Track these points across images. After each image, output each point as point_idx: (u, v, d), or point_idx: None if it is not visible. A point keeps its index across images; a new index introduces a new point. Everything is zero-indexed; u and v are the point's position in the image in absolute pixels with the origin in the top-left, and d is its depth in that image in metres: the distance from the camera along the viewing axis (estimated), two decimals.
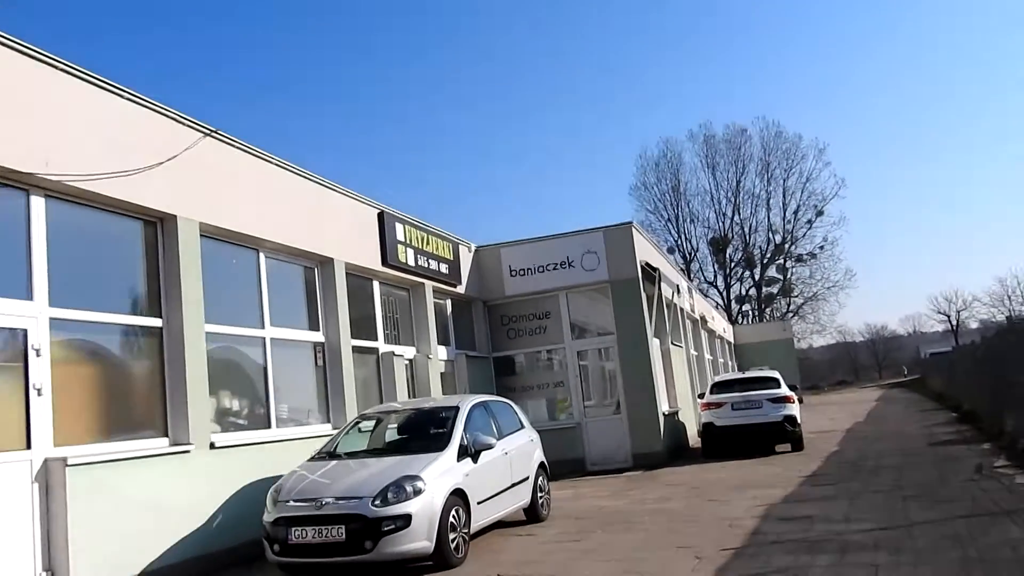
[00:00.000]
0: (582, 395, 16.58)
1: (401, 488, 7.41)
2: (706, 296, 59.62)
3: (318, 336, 11.40)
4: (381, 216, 13.18)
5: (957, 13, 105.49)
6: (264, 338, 10.16)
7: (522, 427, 10.41)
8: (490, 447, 8.62)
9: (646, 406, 15.99)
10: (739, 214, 61.97)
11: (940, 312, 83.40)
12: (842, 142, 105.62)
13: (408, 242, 13.92)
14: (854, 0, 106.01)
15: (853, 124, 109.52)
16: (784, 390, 16.31)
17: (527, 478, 9.81)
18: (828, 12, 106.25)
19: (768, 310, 61.59)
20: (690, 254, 62.14)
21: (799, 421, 15.92)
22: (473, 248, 17.09)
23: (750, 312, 62.28)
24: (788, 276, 62.07)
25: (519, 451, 9.78)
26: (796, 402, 16.19)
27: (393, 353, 12.99)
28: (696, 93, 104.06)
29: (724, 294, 62.14)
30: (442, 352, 15.21)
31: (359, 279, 12.81)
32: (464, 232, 18.11)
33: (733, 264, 62.60)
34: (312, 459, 8.67)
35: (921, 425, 19.17)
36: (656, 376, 16.56)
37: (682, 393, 19.91)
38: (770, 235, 61.87)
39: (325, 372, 11.42)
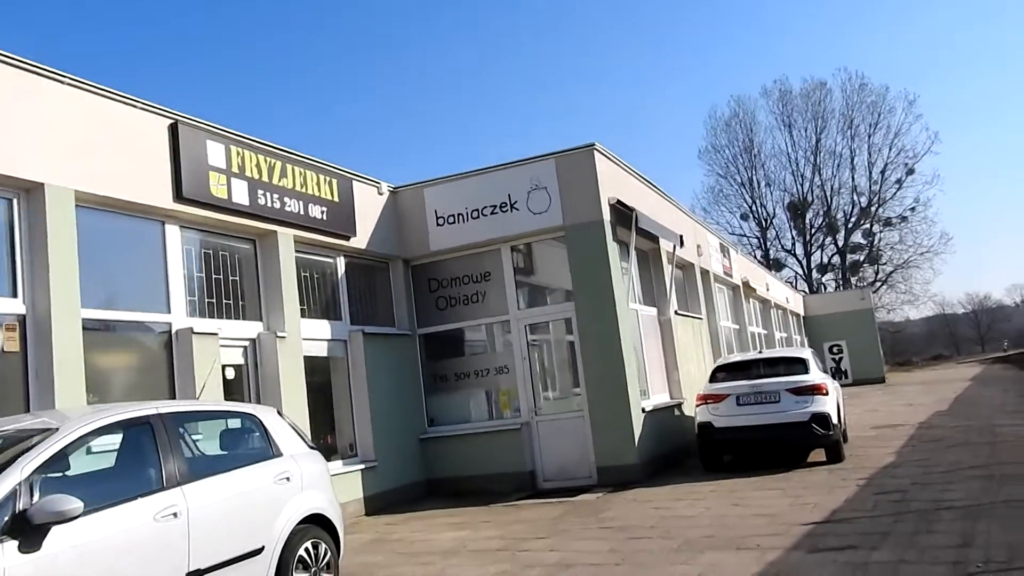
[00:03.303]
0: (531, 385, 12.04)
1: None
2: (783, 265, 54.15)
3: (14, 304, 7.27)
4: (175, 129, 8.91)
5: None
6: None
7: (275, 456, 6.01)
8: (64, 518, 4.24)
9: (614, 401, 11.33)
10: (819, 175, 55.29)
11: None
12: (935, 94, 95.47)
13: (237, 171, 9.63)
14: None
15: (947, 75, 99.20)
16: (814, 376, 11.36)
17: (258, 551, 5.43)
18: None
19: (854, 280, 55.04)
20: (766, 220, 56.26)
21: (836, 421, 10.99)
22: (386, 190, 12.68)
23: (833, 282, 55.93)
24: (875, 242, 55.35)
25: (239, 503, 5.41)
26: (831, 393, 11.23)
27: (193, 330, 8.75)
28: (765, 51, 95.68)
29: (804, 263, 56.11)
30: (319, 329, 10.93)
31: (133, 220, 8.62)
32: None
33: (813, 230, 56.27)
34: None
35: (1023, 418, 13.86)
36: (632, 357, 11.86)
37: (695, 378, 15.11)
38: (854, 197, 55.01)
39: (25, 360, 7.28)
